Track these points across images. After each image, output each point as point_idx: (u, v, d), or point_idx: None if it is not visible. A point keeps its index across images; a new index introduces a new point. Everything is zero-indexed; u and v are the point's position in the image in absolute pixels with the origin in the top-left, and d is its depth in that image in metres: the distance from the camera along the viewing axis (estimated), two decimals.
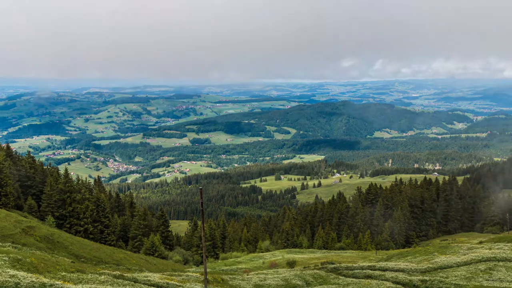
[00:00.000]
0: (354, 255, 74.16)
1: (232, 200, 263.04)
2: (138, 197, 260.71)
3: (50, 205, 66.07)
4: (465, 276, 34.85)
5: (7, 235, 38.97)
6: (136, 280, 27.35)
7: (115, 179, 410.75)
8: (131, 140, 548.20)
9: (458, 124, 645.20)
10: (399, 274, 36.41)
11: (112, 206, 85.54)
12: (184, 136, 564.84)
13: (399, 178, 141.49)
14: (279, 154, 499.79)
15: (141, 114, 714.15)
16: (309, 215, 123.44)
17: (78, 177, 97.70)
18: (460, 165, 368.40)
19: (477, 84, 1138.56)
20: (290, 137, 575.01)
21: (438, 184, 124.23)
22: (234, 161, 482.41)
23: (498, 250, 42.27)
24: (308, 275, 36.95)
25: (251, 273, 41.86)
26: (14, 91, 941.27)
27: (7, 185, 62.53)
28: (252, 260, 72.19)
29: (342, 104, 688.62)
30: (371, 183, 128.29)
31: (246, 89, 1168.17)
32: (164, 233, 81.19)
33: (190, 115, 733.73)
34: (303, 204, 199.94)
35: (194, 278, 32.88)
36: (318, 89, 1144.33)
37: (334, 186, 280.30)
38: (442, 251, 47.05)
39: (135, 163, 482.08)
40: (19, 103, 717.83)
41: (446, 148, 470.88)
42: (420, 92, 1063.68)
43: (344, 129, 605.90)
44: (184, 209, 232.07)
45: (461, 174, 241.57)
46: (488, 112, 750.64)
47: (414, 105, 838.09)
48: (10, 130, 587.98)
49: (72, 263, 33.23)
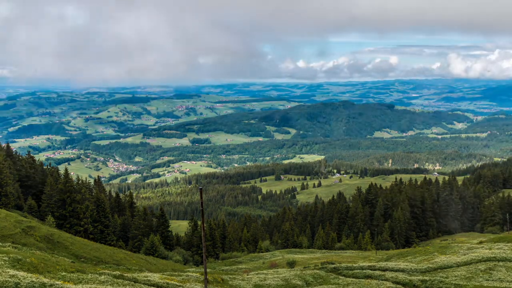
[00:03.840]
0: (354, 255, 74.18)
1: (232, 200, 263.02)
2: (138, 197, 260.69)
3: (50, 205, 66.08)
4: (465, 276, 34.85)
5: (7, 235, 38.98)
6: (136, 280, 27.35)
7: (115, 179, 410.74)
8: (131, 140, 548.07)
9: (458, 124, 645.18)
10: (399, 274, 36.41)
11: (112, 206, 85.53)
12: (184, 136, 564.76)
13: (399, 178, 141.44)
14: (279, 154, 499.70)
15: (141, 114, 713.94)
16: (309, 215, 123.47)
17: (78, 177, 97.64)
18: (460, 165, 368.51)
19: (477, 84, 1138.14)
20: (290, 137, 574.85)
21: (438, 184, 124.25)
22: (234, 161, 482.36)
23: (498, 250, 42.27)
24: (308, 275, 36.95)
25: (251, 273, 41.87)
26: (14, 91, 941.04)
27: (7, 185, 62.55)
28: (252, 260, 72.25)
29: (342, 104, 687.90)
30: (371, 183, 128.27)
31: (246, 89, 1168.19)
32: (164, 233, 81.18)
33: (190, 115, 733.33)
34: (303, 204, 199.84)
35: (194, 278, 32.88)
36: (318, 89, 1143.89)
37: (334, 186, 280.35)
38: (442, 251, 47.04)
39: (135, 163, 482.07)
40: (19, 103, 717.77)
41: (446, 148, 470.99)
42: (420, 92, 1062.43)
43: (344, 129, 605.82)
44: (184, 209, 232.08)
45: (461, 174, 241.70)
46: (488, 112, 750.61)
47: (414, 105, 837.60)
48: (10, 130, 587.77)
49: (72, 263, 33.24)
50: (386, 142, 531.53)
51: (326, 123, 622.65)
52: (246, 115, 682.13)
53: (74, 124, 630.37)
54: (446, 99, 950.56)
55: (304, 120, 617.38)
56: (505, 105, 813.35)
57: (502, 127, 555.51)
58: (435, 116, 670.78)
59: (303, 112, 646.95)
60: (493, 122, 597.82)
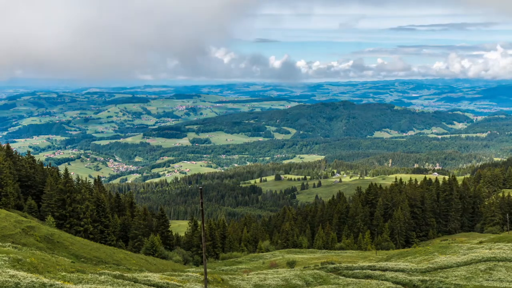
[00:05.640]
0: (354, 255, 74.22)
1: (232, 200, 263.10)
2: (138, 197, 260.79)
3: (50, 205, 66.04)
4: (465, 276, 34.87)
5: (7, 235, 38.98)
6: (136, 280, 27.36)
7: (115, 179, 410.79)
8: (131, 140, 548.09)
9: (458, 124, 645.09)
10: (399, 274, 36.43)
11: (112, 206, 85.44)
12: (184, 136, 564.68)
13: (399, 178, 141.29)
14: (279, 154, 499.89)
15: (141, 114, 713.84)
16: (309, 215, 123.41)
17: (78, 177, 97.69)
18: (460, 165, 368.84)
19: (477, 84, 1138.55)
20: (290, 137, 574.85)
21: (438, 184, 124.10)
22: (234, 161, 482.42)
23: (498, 250, 42.29)
24: (308, 275, 36.96)
25: (251, 273, 41.88)
26: (14, 91, 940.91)
27: (7, 185, 62.57)
28: (252, 260, 72.28)
29: (342, 104, 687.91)
30: (371, 183, 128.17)
31: (246, 89, 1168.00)
32: (164, 233, 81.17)
33: (190, 115, 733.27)
34: (303, 204, 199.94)
35: (194, 278, 32.89)
36: (318, 89, 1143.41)
37: (334, 186, 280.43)
38: (442, 251, 47.06)
39: (135, 163, 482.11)
40: (19, 103, 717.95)
41: (446, 148, 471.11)
42: (420, 92, 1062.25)
43: (344, 129, 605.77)
44: (184, 209, 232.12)
45: (461, 174, 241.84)
46: (488, 112, 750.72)
47: (414, 105, 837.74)
48: (10, 130, 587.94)
49: (72, 263, 33.25)
50: (386, 142, 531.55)
51: (326, 123, 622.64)
52: (246, 115, 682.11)
53: (74, 124, 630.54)
54: (446, 99, 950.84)
55: (304, 120, 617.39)
56: (505, 105, 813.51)
57: (502, 127, 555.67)
58: (435, 116, 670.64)
59: (303, 112, 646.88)
60: (493, 122, 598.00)
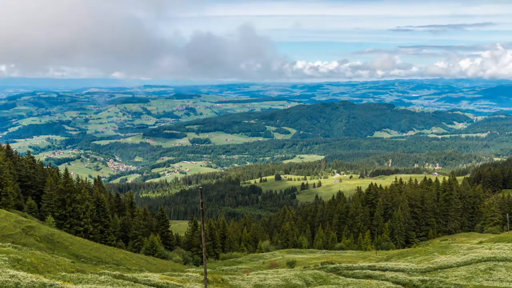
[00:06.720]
0: (354, 255, 74.21)
1: (232, 200, 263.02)
2: (138, 197, 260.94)
3: (50, 205, 66.02)
4: (465, 276, 34.86)
5: (7, 235, 38.97)
6: (136, 280, 27.36)
7: (115, 179, 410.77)
8: (131, 140, 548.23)
9: (458, 124, 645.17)
10: (399, 274, 36.43)
11: (112, 206, 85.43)
12: (184, 136, 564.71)
13: (399, 178, 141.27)
14: (279, 154, 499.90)
15: (141, 114, 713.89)
16: (309, 215, 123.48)
17: (78, 177, 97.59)
18: (460, 165, 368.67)
19: (477, 84, 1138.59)
20: (290, 137, 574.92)
21: (438, 184, 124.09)
22: (234, 161, 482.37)
23: (498, 250, 42.29)
24: (308, 275, 36.96)
25: (251, 273, 41.87)
26: (14, 91, 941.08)
27: (7, 185, 62.54)
28: (252, 260, 72.28)
29: (342, 104, 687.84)
30: (371, 183, 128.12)
31: (246, 89, 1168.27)
32: (164, 233, 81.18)
33: (190, 115, 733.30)
34: (303, 204, 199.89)
35: (194, 278, 32.89)
36: (318, 89, 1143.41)
37: (334, 186, 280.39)
38: (442, 251, 47.06)
39: (135, 163, 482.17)
40: (19, 103, 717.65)
41: (446, 148, 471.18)
42: (420, 92, 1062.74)
43: (344, 129, 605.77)
44: (184, 209, 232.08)
45: (461, 174, 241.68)
46: (488, 112, 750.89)
47: (414, 105, 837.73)
48: (10, 130, 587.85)
49: (72, 263, 33.24)
50: (386, 142, 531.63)
51: (326, 123, 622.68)
52: (246, 115, 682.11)
53: (74, 124, 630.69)
54: (446, 99, 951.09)
55: (304, 120, 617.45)
56: (505, 105, 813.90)
57: (502, 127, 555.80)
58: (435, 116, 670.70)
59: (303, 112, 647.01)
60: (493, 122, 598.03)
